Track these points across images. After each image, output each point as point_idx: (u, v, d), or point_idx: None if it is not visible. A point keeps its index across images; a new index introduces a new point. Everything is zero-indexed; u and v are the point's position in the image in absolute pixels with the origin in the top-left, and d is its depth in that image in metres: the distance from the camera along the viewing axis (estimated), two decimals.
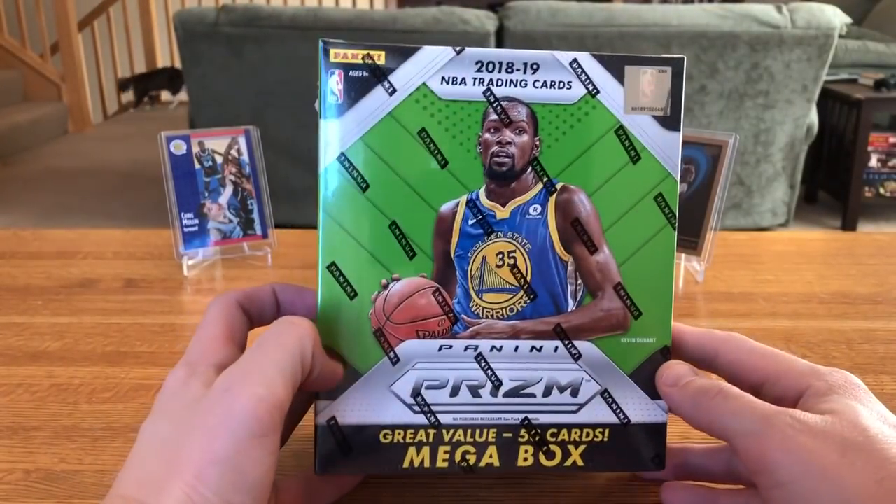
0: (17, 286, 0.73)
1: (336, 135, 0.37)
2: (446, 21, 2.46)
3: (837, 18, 2.47)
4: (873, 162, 2.98)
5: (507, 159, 0.29)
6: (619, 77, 0.38)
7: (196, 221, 0.78)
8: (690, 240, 0.73)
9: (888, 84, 2.92)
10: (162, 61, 5.31)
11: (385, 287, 0.37)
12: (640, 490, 0.43)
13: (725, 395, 0.34)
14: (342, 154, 0.37)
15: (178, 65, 4.92)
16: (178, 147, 0.78)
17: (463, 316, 0.36)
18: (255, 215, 0.80)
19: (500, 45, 2.52)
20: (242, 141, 0.80)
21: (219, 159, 0.79)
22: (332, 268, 0.38)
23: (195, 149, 0.78)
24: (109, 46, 5.20)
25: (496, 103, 0.36)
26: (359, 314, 0.38)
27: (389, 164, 0.37)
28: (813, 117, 2.64)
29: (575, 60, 0.37)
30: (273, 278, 0.76)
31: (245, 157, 0.80)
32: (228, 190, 0.79)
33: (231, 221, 0.79)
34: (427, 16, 2.48)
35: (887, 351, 0.59)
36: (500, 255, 0.28)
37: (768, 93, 2.54)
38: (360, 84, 0.37)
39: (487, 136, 0.34)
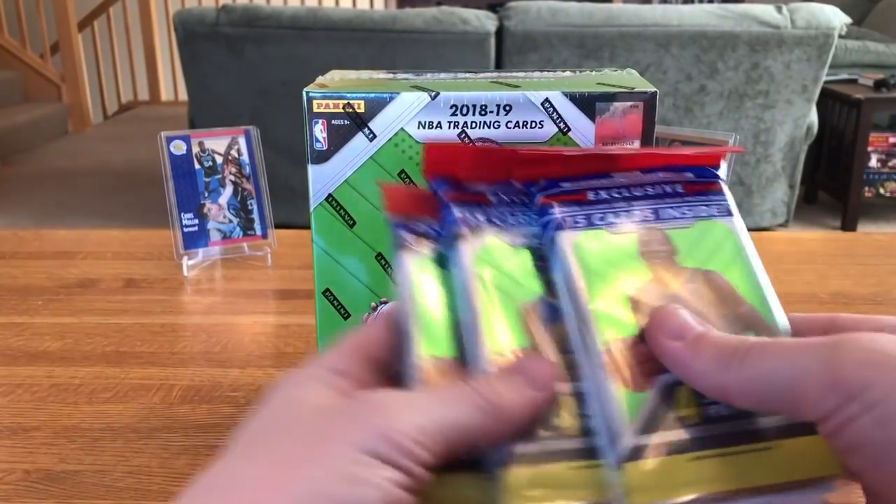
0: (17, 286, 0.73)
1: (323, 178, 0.41)
2: (446, 21, 2.46)
3: (837, 18, 2.47)
4: (873, 162, 2.97)
5: None
6: (591, 114, 0.40)
7: (196, 221, 0.78)
8: None
9: (888, 84, 2.92)
10: (162, 61, 5.31)
11: (374, 309, 0.42)
12: None
13: (762, 346, 0.27)
14: (330, 195, 0.41)
15: (177, 65, 4.93)
16: (178, 147, 0.78)
17: None
18: (255, 215, 0.80)
19: (500, 45, 2.52)
20: (242, 141, 0.80)
21: (219, 159, 0.79)
22: (327, 293, 0.43)
23: (195, 149, 0.78)
24: (109, 46, 5.20)
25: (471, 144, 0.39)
26: None
27: (373, 203, 0.41)
28: (813, 117, 2.64)
29: (547, 100, 0.40)
30: (273, 278, 0.76)
31: (245, 157, 0.80)
32: (228, 190, 0.79)
33: (231, 221, 0.79)
34: (427, 16, 2.48)
35: None
36: None
37: (768, 93, 2.54)
38: (343, 131, 0.41)
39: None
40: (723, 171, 0.35)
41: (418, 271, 0.32)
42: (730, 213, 0.34)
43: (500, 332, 0.31)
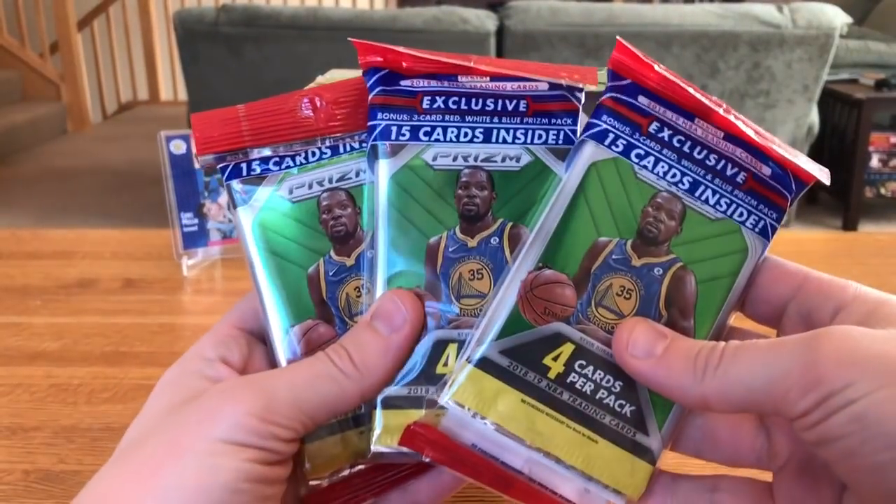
0: (16, 286, 0.73)
1: None
2: (446, 21, 2.46)
3: (838, 18, 2.47)
4: (874, 162, 2.97)
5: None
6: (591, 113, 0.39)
7: (195, 221, 0.77)
8: None
9: (889, 84, 2.92)
10: (161, 61, 5.31)
11: None
12: None
13: (736, 351, 0.27)
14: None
15: (177, 64, 4.94)
16: (178, 147, 0.77)
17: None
18: None
19: (500, 44, 2.51)
20: None
21: None
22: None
23: (195, 149, 0.78)
24: (109, 46, 5.20)
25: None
26: None
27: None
28: (814, 117, 2.64)
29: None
30: None
31: None
32: None
33: (231, 221, 0.79)
34: (427, 15, 2.48)
35: None
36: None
37: (769, 92, 2.54)
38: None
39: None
40: (803, 191, 0.33)
41: (262, 231, 0.33)
42: (765, 234, 0.32)
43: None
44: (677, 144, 0.31)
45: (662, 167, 0.31)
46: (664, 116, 0.31)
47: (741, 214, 0.32)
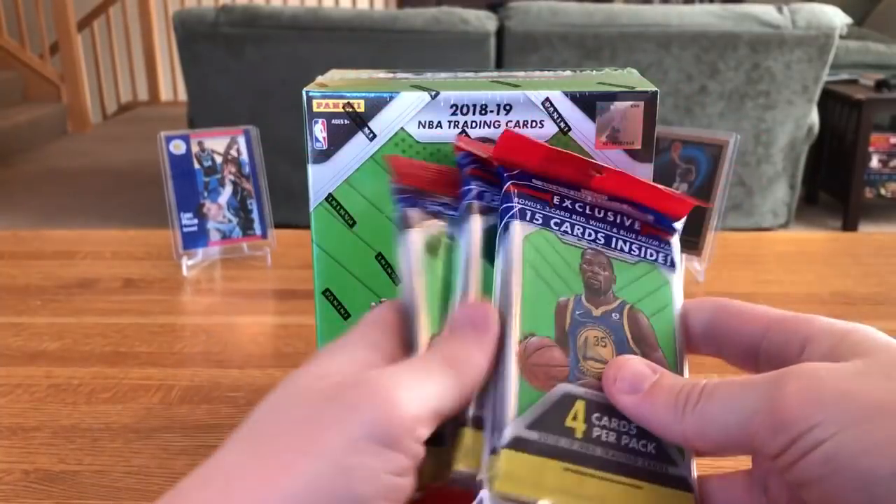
0: (16, 286, 0.73)
1: (323, 178, 0.41)
2: (446, 21, 2.46)
3: (838, 19, 2.47)
4: (874, 162, 2.97)
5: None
6: (591, 114, 0.40)
7: (195, 221, 0.77)
8: (691, 240, 0.72)
9: (889, 84, 2.92)
10: (161, 61, 5.31)
11: None
12: None
13: (711, 389, 0.27)
14: (330, 195, 0.41)
15: (177, 65, 4.94)
16: (178, 147, 0.77)
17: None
18: (255, 215, 0.80)
19: (500, 45, 2.51)
20: (242, 141, 0.80)
21: (218, 159, 0.79)
22: (327, 293, 0.42)
23: (194, 149, 0.78)
24: (109, 47, 5.20)
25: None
26: None
27: (373, 203, 0.41)
28: (814, 118, 2.64)
29: (547, 99, 0.40)
30: (273, 278, 0.76)
31: (244, 157, 0.80)
32: (228, 190, 0.79)
33: (230, 221, 0.79)
34: (427, 16, 2.48)
35: None
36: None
37: (769, 93, 2.54)
38: (343, 131, 0.40)
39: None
40: (681, 224, 0.36)
41: (423, 251, 0.33)
42: (673, 266, 0.36)
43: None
44: (580, 209, 0.35)
45: (578, 230, 0.34)
46: (558, 191, 0.35)
47: (651, 255, 0.35)
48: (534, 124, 0.40)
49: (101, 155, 4.15)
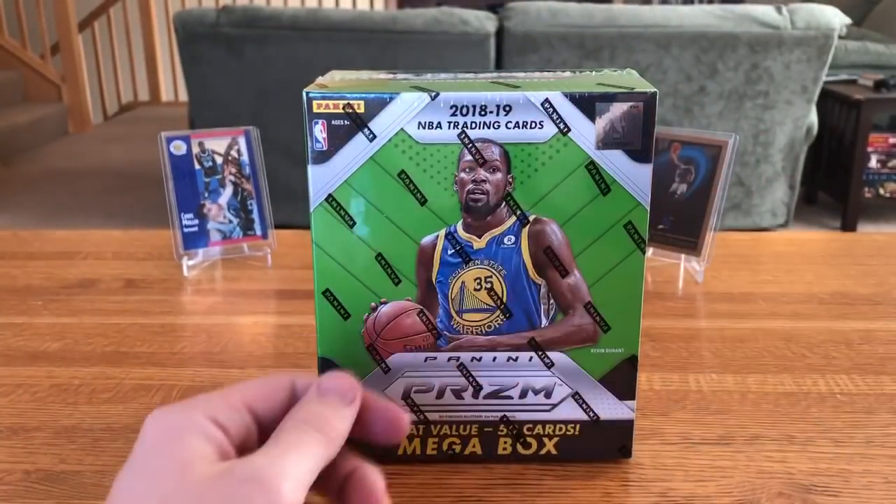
0: (17, 286, 0.73)
1: (323, 178, 0.41)
2: (446, 22, 2.46)
3: (837, 19, 2.47)
4: (873, 163, 2.97)
5: (481, 196, 0.32)
6: (591, 115, 0.40)
7: (196, 222, 0.78)
8: (690, 240, 0.73)
9: (888, 85, 2.92)
10: (162, 62, 5.31)
11: (374, 310, 0.42)
12: (638, 490, 0.43)
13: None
14: (330, 195, 0.41)
15: (177, 65, 4.93)
16: (178, 147, 0.78)
17: (445, 332, 0.41)
18: (255, 216, 0.80)
19: (500, 45, 2.52)
20: (242, 141, 0.80)
21: (219, 160, 0.79)
22: (327, 293, 0.43)
23: (195, 149, 0.78)
24: (109, 47, 5.20)
25: (470, 145, 0.38)
26: (353, 332, 0.43)
27: (373, 203, 0.41)
28: (813, 118, 2.64)
29: (547, 100, 0.40)
30: (273, 278, 0.76)
31: (245, 157, 0.80)
32: (228, 190, 0.79)
33: (231, 222, 0.79)
34: (427, 16, 2.48)
35: (887, 351, 0.59)
36: (478, 280, 0.31)
37: (768, 93, 2.54)
38: (343, 132, 0.41)
39: (463, 175, 0.37)
40: None
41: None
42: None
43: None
44: None
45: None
46: None
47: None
48: (533, 125, 0.40)
49: (101, 155, 4.15)
